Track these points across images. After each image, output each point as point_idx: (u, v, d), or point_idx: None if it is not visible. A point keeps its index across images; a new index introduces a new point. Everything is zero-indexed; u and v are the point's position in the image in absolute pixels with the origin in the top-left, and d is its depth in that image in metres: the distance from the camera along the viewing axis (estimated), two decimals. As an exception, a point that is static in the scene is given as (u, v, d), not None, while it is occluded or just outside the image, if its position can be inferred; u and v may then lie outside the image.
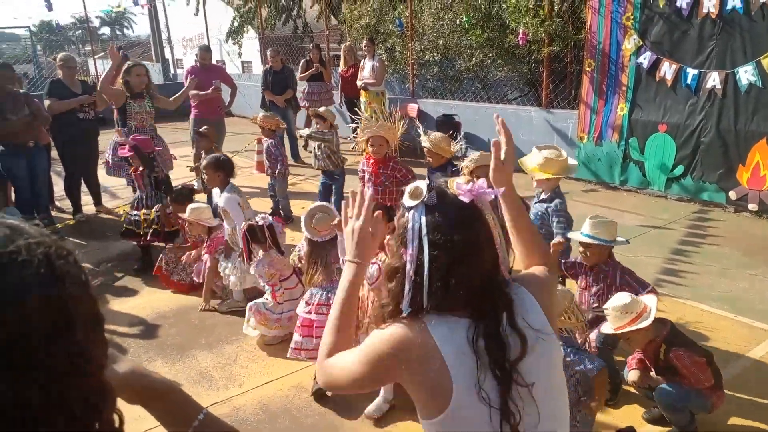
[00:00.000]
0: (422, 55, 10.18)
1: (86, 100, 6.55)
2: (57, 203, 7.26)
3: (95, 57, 16.44)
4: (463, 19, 9.10)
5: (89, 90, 6.78)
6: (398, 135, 4.82)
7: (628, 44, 6.86)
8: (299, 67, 9.98)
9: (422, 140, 4.74)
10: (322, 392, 3.47)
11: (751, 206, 6.19)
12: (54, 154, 6.85)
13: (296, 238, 4.93)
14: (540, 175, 3.74)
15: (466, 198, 1.37)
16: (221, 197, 4.52)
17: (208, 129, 6.63)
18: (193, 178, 6.71)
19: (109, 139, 6.71)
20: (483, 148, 6.16)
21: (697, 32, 6.28)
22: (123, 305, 4.82)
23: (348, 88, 9.67)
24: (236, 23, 17.66)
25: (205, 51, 8.26)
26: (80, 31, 41.24)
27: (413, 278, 1.34)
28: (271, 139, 6.39)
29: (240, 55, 19.31)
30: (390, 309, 1.39)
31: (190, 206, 4.94)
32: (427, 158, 4.79)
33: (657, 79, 6.69)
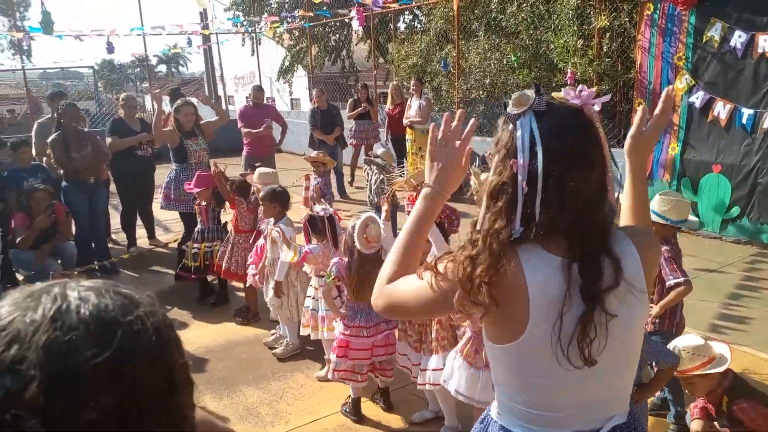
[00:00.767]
0: (468, 94, 10.26)
1: (144, 138, 6.83)
2: (113, 236, 7.52)
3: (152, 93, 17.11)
4: (511, 59, 9.17)
5: (147, 128, 7.07)
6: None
7: (680, 84, 6.77)
8: (347, 105, 10.21)
9: (471, 181, 4.73)
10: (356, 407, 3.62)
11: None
12: (112, 188, 7.13)
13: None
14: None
15: (575, 102, 1.32)
16: (275, 229, 4.57)
17: (259, 166, 6.80)
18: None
19: (165, 174, 6.95)
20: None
21: (752, 72, 6.16)
22: (173, 338, 4.92)
23: (394, 126, 9.80)
24: (287, 62, 18.22)
25: (258, 91, 8.54)
26: (138, 69, 43.15)
27: (526, 190, 1.25)
28: (322, 177, 6.51)
29: (290, 93, 19.86)
30: (504, 232, 1.27)
31: (258, 170, 5.10)
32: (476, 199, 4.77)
33: (710, 118, 6.57)
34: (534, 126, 1.26)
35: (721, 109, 6.44)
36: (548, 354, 1.29)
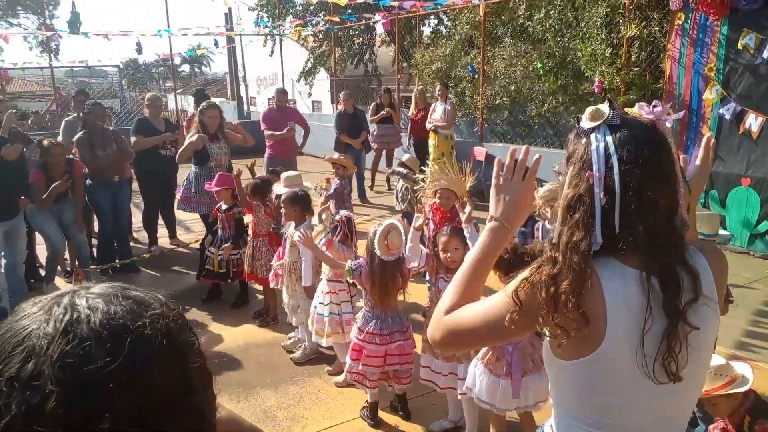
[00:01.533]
0: (493, 100, 10.20)
1: (168, 137, 6.88)
2: (134, 234, 7.56)
3: (176, 93, 17.32)
4: (537, 66, 9.09)
5: (172, 128, 7.13)
6: (467, 187, 4.76)
7: (710, 95, 6.65)
8: (369, 109, 10.20)
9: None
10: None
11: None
12: (134, 187, 7.18)
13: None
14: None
15: (649, 118, 1.35)
16: (297, 232, 4.55)
17: (281, 169, 6.80)
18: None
19: (183, 175, 6.98)
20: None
21: (786, 84, 6.03)
22: (192, 339, 4.92)
23: (417, 130, 9.77)
24: (309, 64, 18.28)
25: (282, 93, 8.55)
26: (162, 68, 43.62)
27: (603, 202, 1.26)
28: (342, 180, 6.49)
29: (310, 95, 19.91)
30: (583, 244, 1.26)
31: (284, 175, 5.09)
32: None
33: (741, 131, 6.44)
34: (609, 139, 1.28)
35: (753, 122, 6.31)
36: (626, 369, 1.28)
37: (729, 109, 6.50)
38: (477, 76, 10.25)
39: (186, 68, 50.97)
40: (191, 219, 8.09)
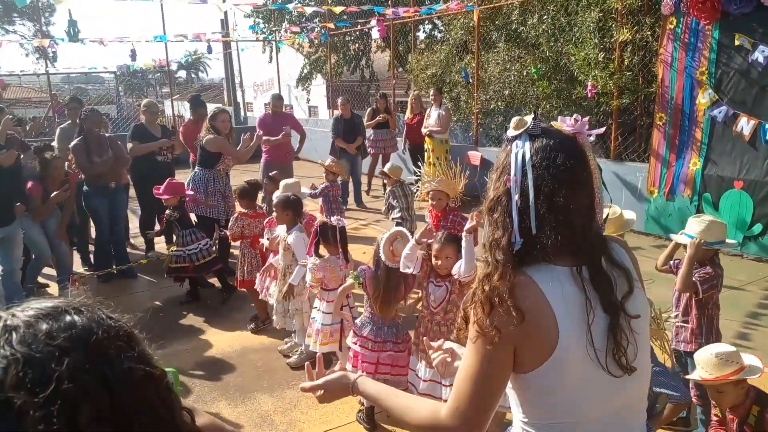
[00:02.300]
0: (487, 105, 10.25)
1: (165, 143, 6.91)
2: (131, 240, 7.58)
3: (172, 99, 17.32)
4: (531, 70, 9.14)
5: (168, 134, 7.16)
6: (459, 189, 4.82)
7: (703, 98, 6.71)
8: (366, 114, 10.25)
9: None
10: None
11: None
12: (131, 193, 7.20)
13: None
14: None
15: (569, 130, 1.44)
16: (290, 235, 4.58)
17: (276, 174, 6.83)
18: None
19: (183, 180, 7.00)
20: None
21: (777, 88, 6.09)
22: (188, 344, 4.95)
23: (413, 135, 9.82)
24: (306, 70, 18.33)
25: (278, 99, 8.59)
26: (159, 75, 43.62)
27: (519, 203, 1.36)
28: (332, 183, 6.53)
29: (308, 100, 19.96)
30: (503, 241, 1.36)
31: (283, 182, 5.26)
32: None
33: (733, 134, 6.49)
34: (527, 146, 1.38)
35: (745, 125, 6.36)
36: (581, 365, 1.34)
37: (721, 113, 6.55)
38: (471, 81, 10.30)
39: (183, 74, 50.99)
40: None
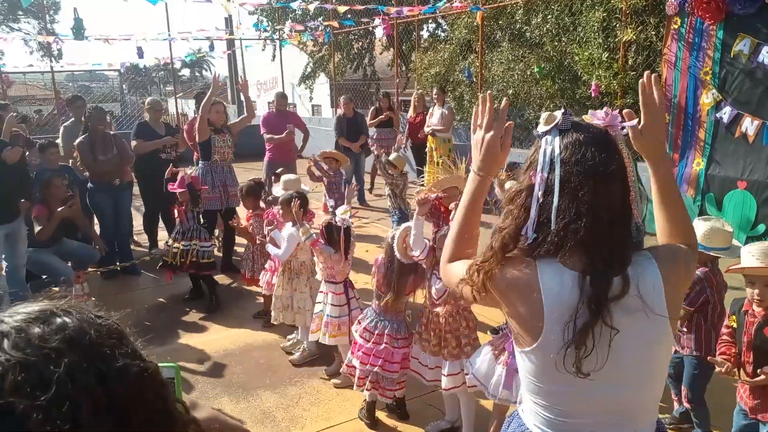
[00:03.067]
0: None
1: (169, 141, 6.93)
2: (135, 238, 7.60)
3: (176, 97, 17.37)
4: (534, 70, 9.14)
5: (172, 132, 7.18)
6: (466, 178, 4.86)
7: (706, 99, 6.70)
8: (369, 113, 10.27)
9: (495, 189, 4.74)
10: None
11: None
12: (135, 190, 7.22)
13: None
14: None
15: (600, 123, 1.42)
16: (289, 229, 4.60)
17: (282, 171, 6.84)
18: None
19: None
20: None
21: (781, 88, 6.08)
22: (191, 340, 4.97)
23: (415, 134, 9.83)
24: (309, 69, 18.34)
25: (282, 98, 8.61)
26: (162, 73, 43.67)
27: (541, 199, 1.35)
28: (335, 172, 6.56)
29: (311, 99, 19.97)
30: (509, 232, 1.39)
31: (283, 178, 5.24)
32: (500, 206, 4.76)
33: (737, 134, 6.48)
34: (557, 141, 1.37)
35: (749, 125, 6.35)
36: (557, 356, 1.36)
37: (725, 113, 6.54)
38: (474, 81, 10.30)
39: (186, 72, 51.07)
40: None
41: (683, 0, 6.73)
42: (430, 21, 14.29)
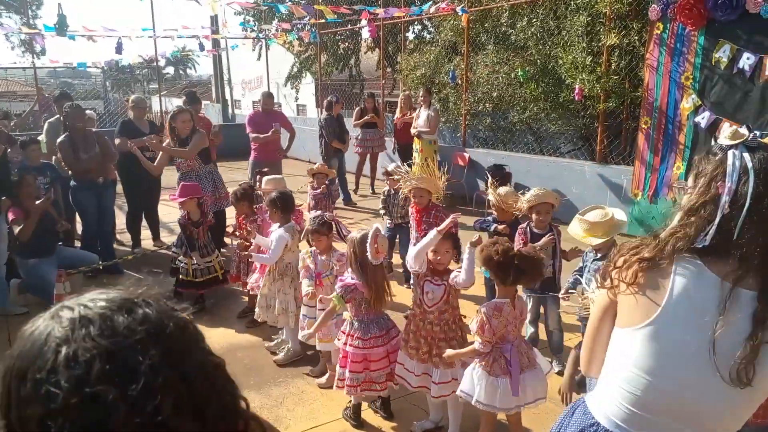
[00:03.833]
0: (475, 106, 10.32)
1: (153, 139, 6.86)
2: (118, 236, 7.55)
3: (160, 95, 17.25)
4: (519, 73, 9.22)
5: (156, 130, 7.14)
6: (441, 186, 4.93)
7: (686, 103, 6.81)
8: (354, 114, 10.30)
9: (489, 194, 4.79)
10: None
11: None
12: (118, 189, 7.17)
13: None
14: (594, 240, 3.67)
15: None
16: (276, 231, 4.61)
17: (268, 170, 6.83)
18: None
19: (171, 177, 6.98)
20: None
21: (759, 94, 6.19)
22: (176, 340, 4.94)
23: (402, 135, 9.86)
24: (295, 69, 18.30)
25: (268, 97, 8.59)
26: (146, 70, 43.28)
27: (727, 210, 1.38)
28: (322, 185, 6.52)
29: (296, 98, 19.91)
30: (685, 241, 1.42)
31: (266, 178, 5.21)
32: (493, 211, 4.81)
33: (715, 138, 6.60)
34: (746, 156, 1.41)
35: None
36: (665, 353, 1.42)
37: (704, 118, 6.65)
38: (459, 83, 10.36)
39: (170, 70, 50.66)
40: (175, 221, 8.08)
41: (666, 6, 6.83)
42: (416, 23, 14.34)
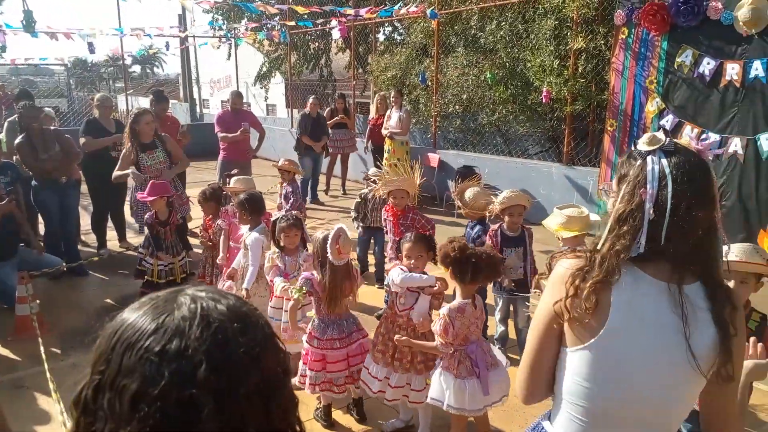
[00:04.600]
0: (446, 108, 10.39)
1: (119, 139, 6.73)
2: (83, 237, 7.40)
3: (126, 93, 16.95)
4: (488, 76, 9.31)
5: (122, 129, 6.98)
6: (417, 186, 4.95)
7: (651, 107, 6.97)
8: (325, 114, 10.29)
9: (454, 195, 4.83)
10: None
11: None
12: (83, 189, 7.03)
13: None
14: (566, 234, 3.78)
15: (697, 148, 1.50)
16: (250, 235, 4.56)
17: (237, 172, 6.77)
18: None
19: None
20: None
21: (719, 98, 6.38)
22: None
23: (377, 136, 9.87)
24: (265, 68, 18.16)
25: (237, 96, 8.52)
26: (112, 68, 42.44)
27: (652, 216, 1.41)
28: (291, 184, 6.45)
29: (266, 98, 19.76)
30: (623, 251, 1.43)
31: (235, 178, 5.15)
32: (463, 212, 4.84)
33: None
34: (664, 162, 1.44)
35: (690, 133, 6.64)
36: (617, 366, 1.44)
37: (668, 121, 6.82)
38: (429, 85, 10.42)
39: (137, 69, 49.80)
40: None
41: (630, 11, 6.98)
42: (387, 24, 14.37)
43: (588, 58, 8.09)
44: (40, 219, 6.67)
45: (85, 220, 7.34)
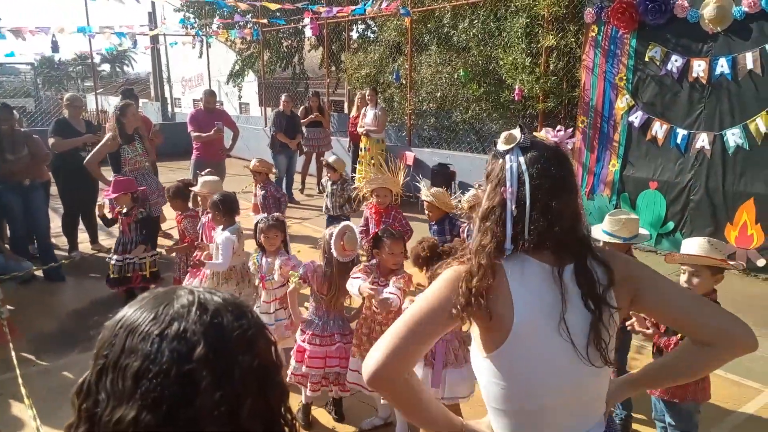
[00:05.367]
0: (420, 106, 10.43)
1: (89, 139, 6.64)
2: (53, 240, 7.25)
3: (96, 93, 16.66)
4: (461, 74, 9.37)
5: (93, 129, 6.90)
6: (401, 185, 4.98)
7: (621, 103, 7.09)
8: (299, 112, 10.26)
9: (422, 194, 4.85)
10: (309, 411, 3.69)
11: (739, 264, 6.31)
12: (54, 190, 6.90)
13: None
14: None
15: (553, 140, 1.56)
16: (221, 234, 4.53)
17: (210, 171, 6.70)
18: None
19: (109, 177, 6.76)
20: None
21: (687, 95, 6.52)
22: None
23: (356, 134, 9.83)
24: (237, 66, 18.02)
25: (210, 95, 8.44)
26: (80, 67, 41.69)
27: (515, 213, 1.45)
28: (266, 187, 6.40)
29: (239, 97, 19.61)
30: (492, 247, 1.46)
31: (202, 179, 5.11)
32: (426, 212, 4.88)
33: (648, 137, 6.90)
34: (521, 159, 1.48)
35: (659, 129, 6.78)
36: (537, 353, 1.45)
37: (637, 117, 6.95)
38: (404, 83, 10.45)
39: (107, 67, 49.00)
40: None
41: (600, 9, 7.09)
42: (360, 22, 14.36)
43: (559, 55, 8.20)
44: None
45: (56, 223, 7.21)
